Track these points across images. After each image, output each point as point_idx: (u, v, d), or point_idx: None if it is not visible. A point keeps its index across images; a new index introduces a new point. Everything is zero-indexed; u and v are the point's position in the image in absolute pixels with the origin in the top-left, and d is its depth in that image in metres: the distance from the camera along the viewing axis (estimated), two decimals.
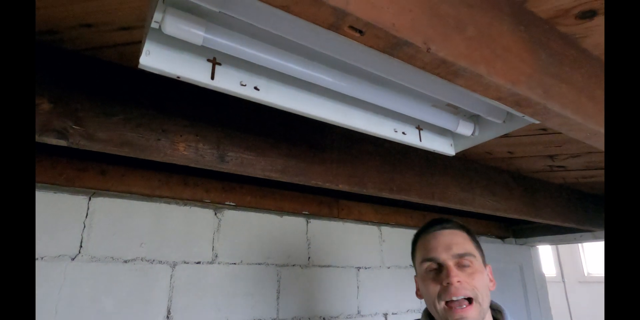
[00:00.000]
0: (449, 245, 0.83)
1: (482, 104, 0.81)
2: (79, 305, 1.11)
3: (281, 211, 1.57)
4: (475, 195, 1.41)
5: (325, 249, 1.66)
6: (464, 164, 1.44)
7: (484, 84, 0.58)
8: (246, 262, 1.43)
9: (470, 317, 0.76)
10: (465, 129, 0.91)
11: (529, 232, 2.42)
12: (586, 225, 1.83)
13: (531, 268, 2.38)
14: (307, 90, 0.76)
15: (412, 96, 0.83)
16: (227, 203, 1.42)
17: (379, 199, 1.78)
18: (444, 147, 0.97)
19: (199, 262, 1.34)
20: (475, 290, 0.78)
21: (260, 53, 0.63)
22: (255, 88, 0.69)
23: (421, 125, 0.94)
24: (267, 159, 0.97)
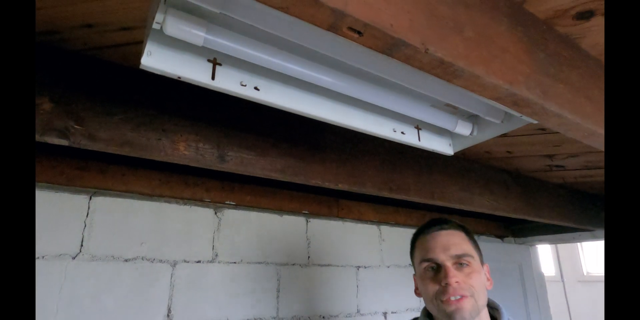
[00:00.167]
0: (447, 245, 0.84)
1: (481, 104, 0.81)
2: (79, 304, 1.11)
3: (281, 210, 1.57)
4: (474, 194, 1.42)
5: (325, 248, 1.66)
6: (463, 163, 1.45)
7: (481, 84, 0.59)
8: (246, 261, 1.44)
9: (465, 308, 0.78)
10: (463, 129, 0.91)
11: (528, 231, 2.42)
12: (585, 225, 1.84)
13: (530, 267, 2.39)
14: (306, 91, 0.77)
15: (411, 96, 0.84)
16: (227, 202, 1.43)
17: (378, 198, 1.78)
18: (443, 146, 0.98)
19: (199, 261, 1.34)
20: (472, 288, 0.80)
21: (260, 53, 0.64)
22: (255, 88, 0.69)
23: (420, 125, 0.94)
24: (267, 158, 0.98)
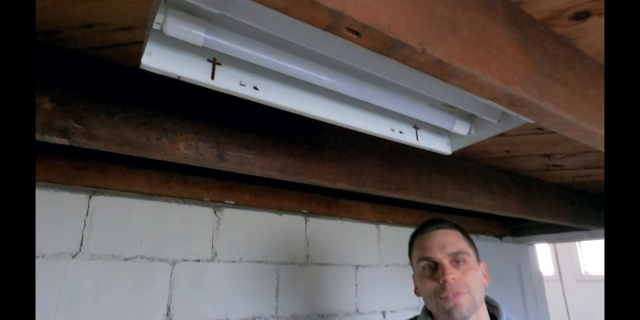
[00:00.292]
0: (443, 244, 0.86)
1: (478, 104, 0.82)
2: (79, 302, 1.12)
3: (280, 210, 1.58)
4: (472, 194, 1.42)
5: (324, 247, 1.67)
6: (461, 163, 1.45)
7: (478, 84, 0.59)
8: (245, 260, 1.44)
9: (462, 304, 0.80)
10: (461, 128, 0.92)
11: (526, 230, 2.43)
12: (583, 224, 1.85)
13: (528, 267, 2.39)
14: (305, 90, 0.77)
15: (409, 96, 0.84)
16: (227, 201, 1.43)
17: (377, 197, 1.79)
18: (441, 146, 0.98)
19: (198, 260, 1.35)
20: (468, 285, 0.82)
21: (259, 53, 0.64)
22: (255, 88, 0.70)
23: (418, 125, 0.95)
24: (267, 157, 0.98)
